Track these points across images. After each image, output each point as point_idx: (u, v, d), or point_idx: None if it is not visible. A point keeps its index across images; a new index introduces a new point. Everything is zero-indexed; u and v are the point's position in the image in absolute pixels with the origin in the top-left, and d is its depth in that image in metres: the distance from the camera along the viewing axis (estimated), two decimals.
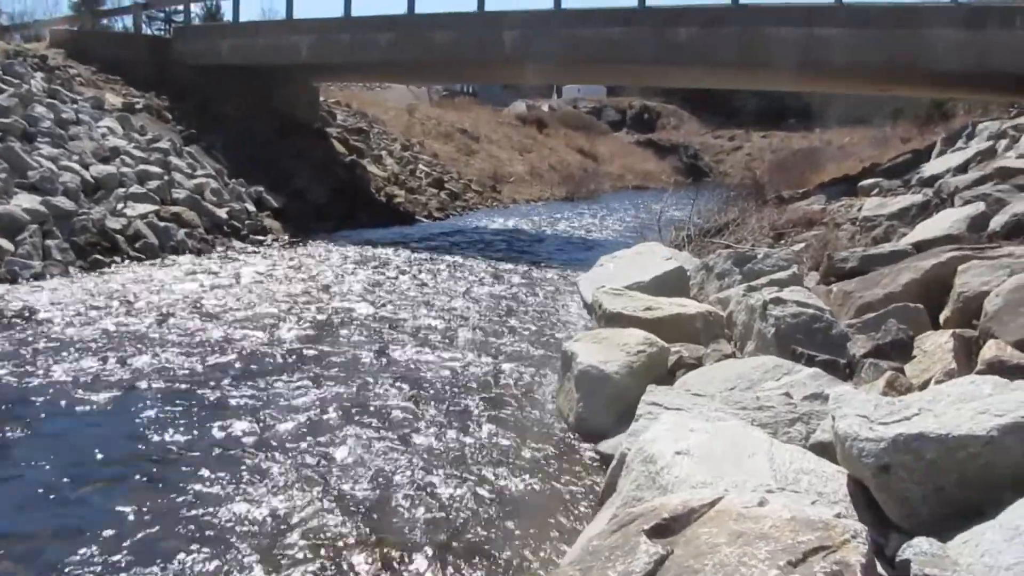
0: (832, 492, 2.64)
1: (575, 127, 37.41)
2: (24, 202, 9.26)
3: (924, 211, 7.11)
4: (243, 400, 5.17)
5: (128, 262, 9.85)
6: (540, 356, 6.47)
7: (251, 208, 13.19)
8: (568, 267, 11.17)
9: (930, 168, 8.95)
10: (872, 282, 5.15)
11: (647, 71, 16.21)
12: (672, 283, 6.50)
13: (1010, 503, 2.32)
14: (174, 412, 4.91)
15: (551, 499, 3.91)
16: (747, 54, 11.71)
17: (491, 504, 3.82)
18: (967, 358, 3.80)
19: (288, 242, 12.73)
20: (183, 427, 4.69)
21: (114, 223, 10.24)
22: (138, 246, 10.24)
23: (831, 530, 2.10)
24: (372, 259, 11.40)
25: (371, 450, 4.40)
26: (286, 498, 3.80)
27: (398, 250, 12.26)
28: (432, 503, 3.80)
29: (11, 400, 5.02)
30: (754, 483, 2.61)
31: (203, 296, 8.28)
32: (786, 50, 11.31)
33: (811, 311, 4.61)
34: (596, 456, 4.37)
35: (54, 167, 10.27)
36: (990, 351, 3.55)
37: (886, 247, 6.01)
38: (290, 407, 5.06)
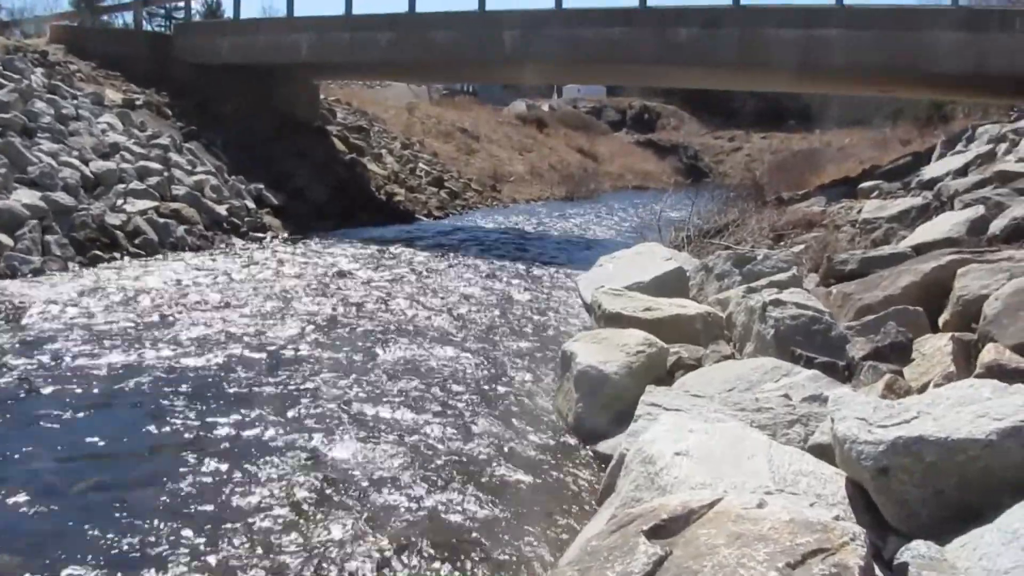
0: (831, 494, 2.65)
1: (575, 127, 37.41)
2: (24, 197, 9.26)
3: (924, 214, 7.11)
4: (241, 397, 5.17)
5: (127, 258, 9.85)
6: (539, 356, 6.48)
7: (251, 205, 13.19)
8: (567, 267, 11.17)
9: (930, 171, 8.94)
10: (871, 284, 5.15)
11: (647, 71, 16.22)
12: (672, 284, 6.50)
13: (1009, 507, 2.32)
14: (172, 408, 4.92)
15: (549, 499, 3.92)
16: (747, 55, 11.73)
17: (489, 504, 3.83)
18: (966, 361, 3.80)
19: (288, 240, 12.73)
20: (180, 422, 4.70)
21: (114, 219, 10.25)
22: (137, 242, 10.25)
23: (830, 532, 2.11)
24: (372, 257, 11.39)
25: (368, 449, 4.41)
26: (284, 496, 3.81)
27: (398, 249, 12.25)
28: (430, 502, 3.81)
29: (9, 395, 5.02)
30: (753, 485, 2.61)
31: (202, 293, 8.28)
32: (786, 51, 11.35)
33: (810, 313, 4.61)
34: (595, 456, 4.38)
35: (54, 163, 10.27)
36: (989, 355, 3.55)
37: (886, 249, 6.01)
38: (288, 404, 5.07)
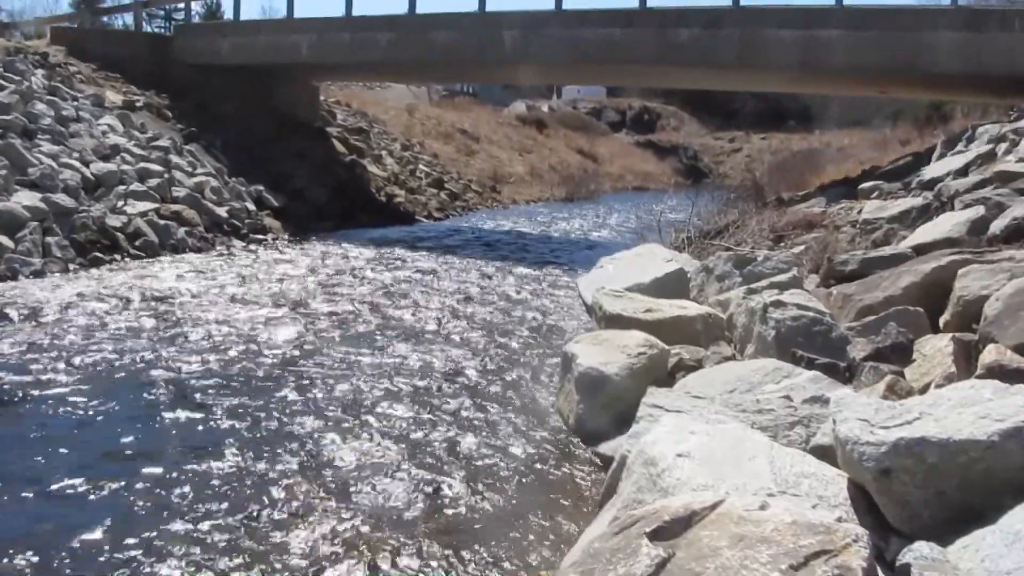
0: (832, 496, 2.64)
1: (575, 128, 37.43)
2: (24, 199, 9.26)
3: (924, 214, 7.10)
4: (241, 397, 5.17)
5: (128, 260, 9.86)
6: (540, 357, 6.48)
7: (251, 207, 13.19)
8: (568, 268, 11.17)
9: (930, 171, 8.93)
10: (872, 285, 5.14)
11: (647, 72, 16.22)
12: (672, 285, 6.49)
13: (1010, 508, 2.31)
14: (172, 409, 4.91)
15: (551, 501, 3.92)
16: (747, 55, 11.73)
17: (490, 505, 3.83)
18: (967, 362, 3.80)
19: (288, 241, 12.73)
20: (181, 424, 4.70)
21: (114, 221, 10.25)
22: (138, 244, 10.25)
23: (832, 534, 2.11)
24: (372, 259, 11.39)
25: (368, 450, 4.41)
26: (285, 496, 3.81)
27: (398, 250, 12.26)
28: (431, 504, 3.81)
29: (9, 396, 5.02)
30: (755, 486, 2.61)
31: (202, 294, 8.28)
32: (786, 51, 11.35)
33: (811, 314, 4.61)
34: (596, 458, 4.38)
35: (54, 164, 10.27)
36: (990, 355, 3.54)
37: (886, 250, 6.00)
38: (288, 406, 5.07)
